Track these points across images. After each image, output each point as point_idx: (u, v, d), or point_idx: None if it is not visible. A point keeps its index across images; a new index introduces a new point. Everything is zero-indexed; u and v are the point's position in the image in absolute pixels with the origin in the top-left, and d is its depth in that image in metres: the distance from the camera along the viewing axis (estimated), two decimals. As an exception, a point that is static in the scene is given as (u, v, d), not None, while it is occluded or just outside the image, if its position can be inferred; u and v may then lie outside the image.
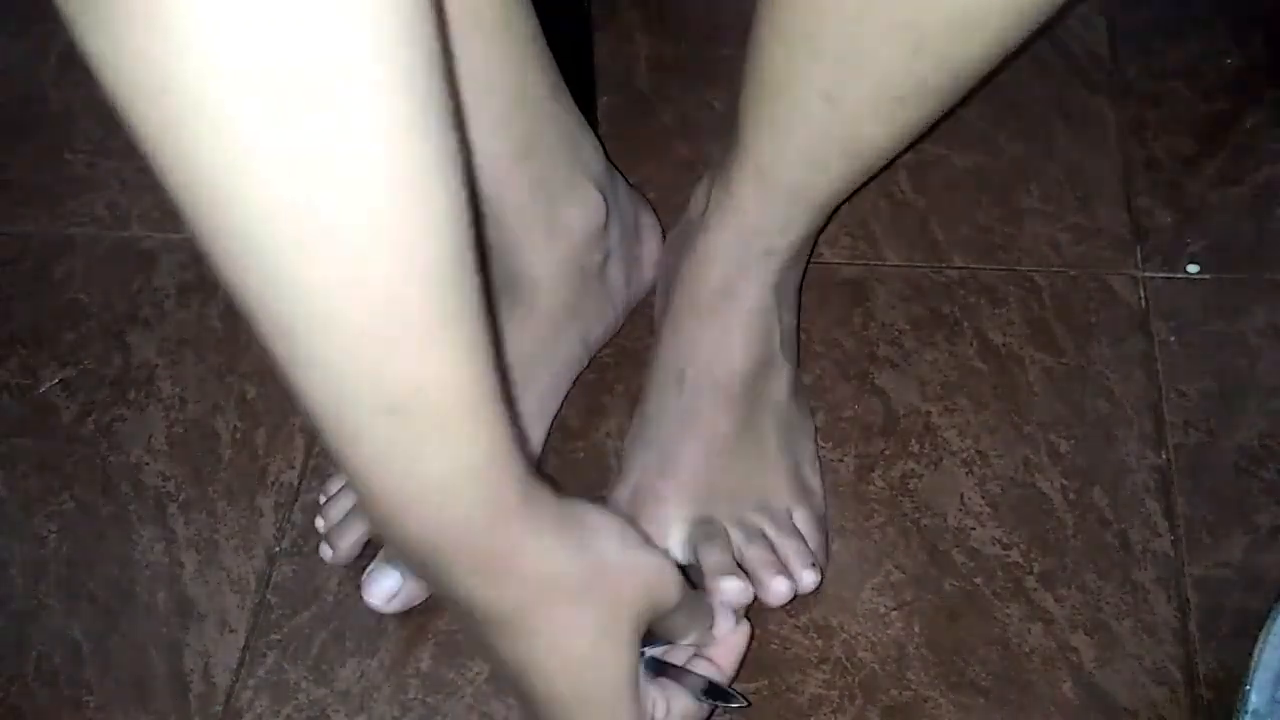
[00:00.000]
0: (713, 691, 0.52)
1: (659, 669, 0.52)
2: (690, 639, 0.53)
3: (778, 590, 0.57)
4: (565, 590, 0.44)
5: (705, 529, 0.59)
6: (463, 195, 0.36)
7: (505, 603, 0.43)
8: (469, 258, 0.37)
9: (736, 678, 0.57)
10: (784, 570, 0.58)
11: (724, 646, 0.55)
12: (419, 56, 0.33)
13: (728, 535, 0.59)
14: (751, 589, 0.57)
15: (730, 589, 0.56)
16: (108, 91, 0.32)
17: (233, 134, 0.31)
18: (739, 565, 0.58)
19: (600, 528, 0.46)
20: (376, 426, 0.37)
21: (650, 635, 0.50)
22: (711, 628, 0.54)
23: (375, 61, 0.32)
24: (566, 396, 0.67)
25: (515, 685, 0.47)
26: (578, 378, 0.67)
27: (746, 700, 0.55)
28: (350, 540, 0.61)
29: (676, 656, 0.54)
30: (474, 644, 0.54)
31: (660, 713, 0.50)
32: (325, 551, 0.62)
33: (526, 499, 0.42)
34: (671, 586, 0.48)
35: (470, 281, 0.37)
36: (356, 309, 0.35)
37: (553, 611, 0.44)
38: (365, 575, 0.60)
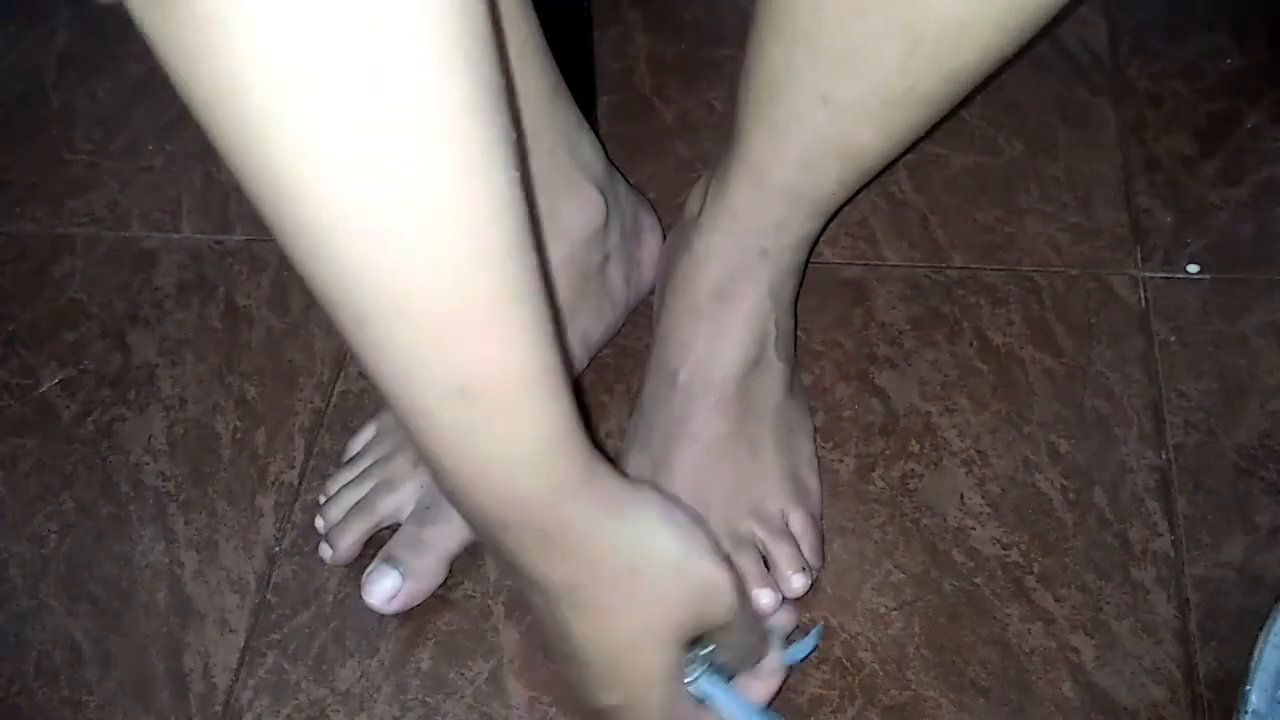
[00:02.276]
0: None
1: (713, 676, 0.51)
2: (739, 664, 0.53)
3: (761, 603, 0.57)
4: (611, 573, 0.44)
5: None
6: (518, 175, 0.37)
7: (558, 574, 0.44)
8: (528, 238, 0.38)
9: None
10: (770, 582, 0.58)
11: (763, 681, 0.55)
12: (476, 41, 0.34)
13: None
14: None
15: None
16: (184, 96, 0.33)
17: (301, 135, 0.32)
18: None
19: (664, 526, 0.46)
20: (446, 407, 0.39)
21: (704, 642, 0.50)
22: (759, 660, 0.54)
23: (435, 47, 0.32)
24: (566, 396, 0.67)
25: (558, 645, 0.48)
26: (578, 378, 0.67)
27: None
28: (350, 540, 0.61)
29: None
30: (518, 596, 0.57)
31: None
32: (325, 551, 0.62)
33: (589, 477, 0.43)
34: (723, 602, 0.48)
35: (531, 261, 0.38)
36: (424, 295, 0.36)
37: (601, 593, 0.45)
38: (365, 575, 0.60)
